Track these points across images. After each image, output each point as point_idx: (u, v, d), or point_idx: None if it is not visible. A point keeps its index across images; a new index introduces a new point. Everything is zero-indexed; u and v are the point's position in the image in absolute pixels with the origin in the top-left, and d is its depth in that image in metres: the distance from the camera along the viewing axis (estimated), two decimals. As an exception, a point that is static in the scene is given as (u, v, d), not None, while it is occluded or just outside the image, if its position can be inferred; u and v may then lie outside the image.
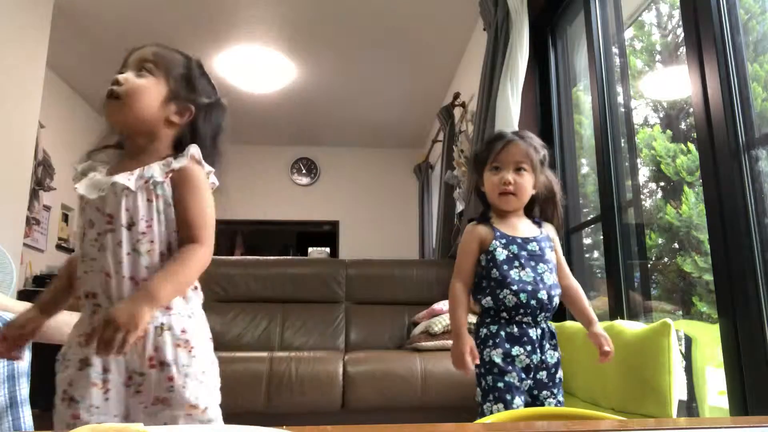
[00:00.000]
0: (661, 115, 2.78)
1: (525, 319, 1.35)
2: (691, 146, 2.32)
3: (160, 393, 0.93)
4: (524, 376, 1.32)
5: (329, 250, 7.25)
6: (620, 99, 2.28)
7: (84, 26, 3.84)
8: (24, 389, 1.27)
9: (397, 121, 5.61)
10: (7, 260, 1.94)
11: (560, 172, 2.69)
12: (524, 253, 1.39)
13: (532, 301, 1.34)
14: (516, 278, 1.35)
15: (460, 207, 3.62)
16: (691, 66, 1.64)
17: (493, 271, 1.37)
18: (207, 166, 1.03)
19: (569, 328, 1.94)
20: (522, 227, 1.44)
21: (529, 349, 1.33)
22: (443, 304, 2.78)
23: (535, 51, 2.73)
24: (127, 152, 1.05)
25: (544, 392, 1.35)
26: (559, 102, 2.78)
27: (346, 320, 3.13)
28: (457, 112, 4.11)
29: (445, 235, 3.94)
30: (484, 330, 1.36)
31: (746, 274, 1.41)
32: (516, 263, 1.37)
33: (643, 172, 2.59)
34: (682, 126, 2.63)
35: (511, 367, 1.31)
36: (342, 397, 2.33)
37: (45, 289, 1.06)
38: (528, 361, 1.33)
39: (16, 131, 3.19)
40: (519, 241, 1.40)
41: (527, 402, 1.33)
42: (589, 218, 2.58)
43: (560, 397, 1.37)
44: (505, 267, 1.36)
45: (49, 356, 0.98)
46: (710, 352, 1.91)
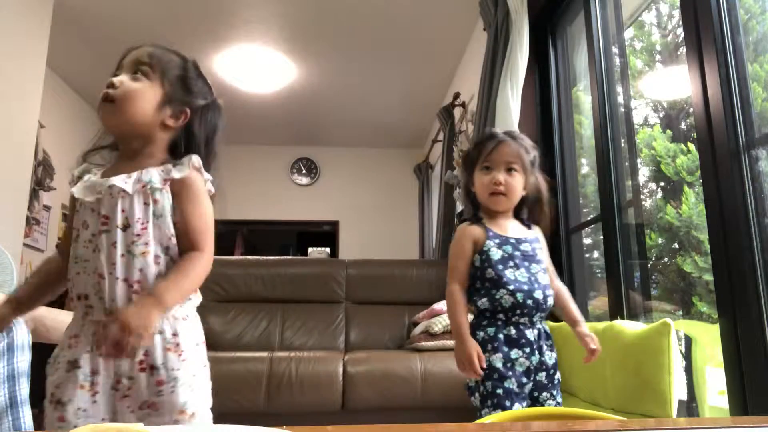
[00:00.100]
0: (661, 115, 2.78)
1: (522, 320, 1.34)
2: (691, 146, 2.32)
3: (149, 397, 0.93)
4: (525, 380, 1.31)
5: (329, 250, 7.25)
6: (620, 99, 2.28)
7: (84, 26, 3.84)
8: (24, 389, 1.27)
9: (397, 121, 5.61)
10: (7, 260, 1.93)
11: (560, 172, 2.69)
12: (518, 253, 1.38)
13: (528, 301, 1.33)
14: (512, 278, 1.34)
15: (460, 207, 3.62)
16: (691, 66, 1.64)
17: (488, 271, 1.35)
18: (206, 174, 1.03)
19: (569, 328, 1.94)
20: (512, 228, 1.43)
21: (527, 351, 1.32)
22: (443, 304, 2.78)
23: (535, 51, 2.73)
24: (122, 154, 1.05)
25: (544, 394, 1.34)
26: (559, 102, 2.78)
27: (346, 320, 3.13)
28: (457, 112, 4.12)
29: (445, 236, 3.94)
30: (482, 333, 1.34)
31: (746, 274, 1.41)
32: (511, 263, 1.36)
33: (643, 172, 2.59)
34: (682, 126, 2.63)
35: (510, 372, 1.29)
36: (342, 397, 2.33)
37: (21, 286, 1.05)
38: (528, 364, 1.32)
39: (16, 131, 3.18)
40: (512, 241, 1.39)
41: (528, 405, 1.31)
42: (589, 218, 2.58)
43: (559, 399, 1.36)
44: (500, 267, 1.35)
45: (49, 357, 0.98)
46: (710, 352, 1.91)
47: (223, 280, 3.12)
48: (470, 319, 1.40)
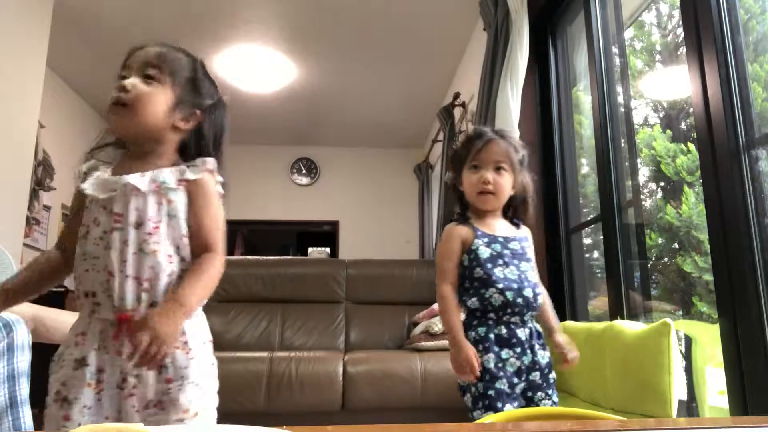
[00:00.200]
0: (661, 115, 2.78)
1: (513, 319, 1.33)
2: (691, 146, 2.32)
3: (155, 396, 0.93)
4: (516, 381, 1.29)
5: (329, 250, 7.25)
6: (620, 99, 2.28)
7: (84, 26, 3.84)
8: (24, 389, 1.27)
9: (397, 121, 5.60)
10: (8, 260, 1.93)
11: (560, 172, 2.69)
12: (507, 252, 1.37)
13: (518, 300, 1.32)
14: (501, 276, 1.33)
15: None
16: (691, 66, 1.64)
17: (477, 270, 1.34)
18: (218, 177, 1.04)
19: (569, 328, 1.94)
20: (500, 227, 1.42)
21: (518, 351, 1.30)
22: (443, 304, 2.78)
23: (535, 51, 2.73)
24: (132, 154, 1.05)
25: (539, 393, 1.32)
26: (559, 102, 2.78)
27: (346, 320, 3.13)
28: (457, 112, 4.11)
29: (445, 235, 3.93)
30: (473, 334, 1.32)
31: (746, 274, 1.41)
32: (500, 261, 1.35)
33: (643, 172, 2.59)
34: (682, 126, 2.63)
35: (502, 373, 1.28)
36: (342, 397, 2.33)
37: (12, 278, 1.03)
38: (518, 364, 1.30)
39: (16, 131, 3.18)
40: (501, 239, 1.38)
41: (521, 405, 1.30)
42: (589, 218, 2.58)
43: (555, 398, 1.35)
44: (489, 265, 1.34)
45: (50, 356, 0.98)
46: (710, 352, 1.91)
47: (223, 280, 3.05)
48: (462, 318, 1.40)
